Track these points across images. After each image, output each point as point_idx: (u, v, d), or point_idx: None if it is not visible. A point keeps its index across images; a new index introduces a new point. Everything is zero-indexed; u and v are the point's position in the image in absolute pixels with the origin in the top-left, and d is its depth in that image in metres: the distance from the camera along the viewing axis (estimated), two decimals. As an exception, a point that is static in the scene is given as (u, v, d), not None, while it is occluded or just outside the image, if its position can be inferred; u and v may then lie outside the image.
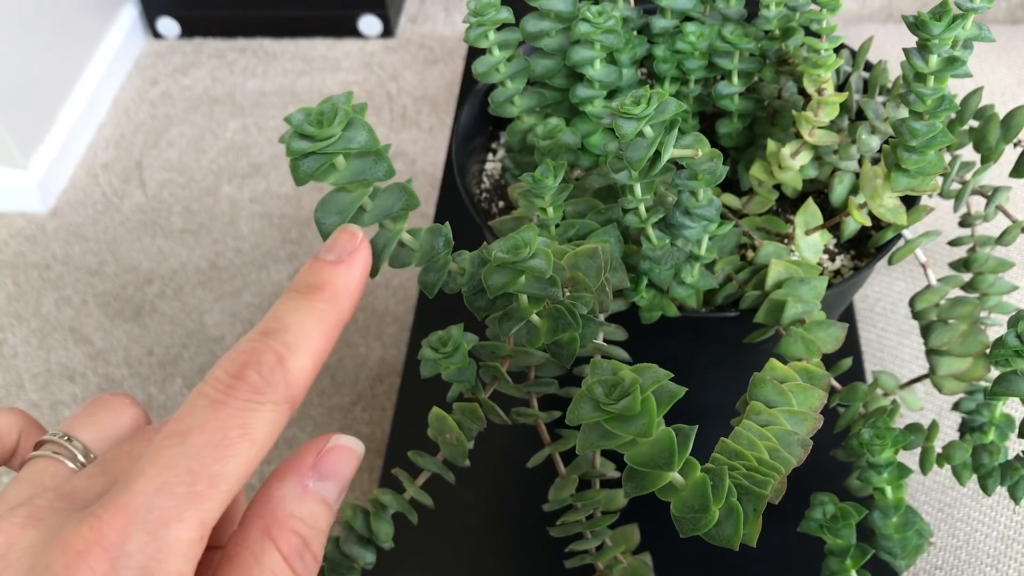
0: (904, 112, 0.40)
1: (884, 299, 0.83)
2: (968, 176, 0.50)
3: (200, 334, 1.45)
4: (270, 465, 1.18)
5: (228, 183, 1.65)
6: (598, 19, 0.45)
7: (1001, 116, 0.50)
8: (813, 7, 0.42)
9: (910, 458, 0.65)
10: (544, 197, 0.42)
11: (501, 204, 0.57)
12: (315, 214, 0.29)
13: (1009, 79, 0.97)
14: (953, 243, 0.55)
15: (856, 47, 0.56)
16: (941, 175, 0.51)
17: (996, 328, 0.77)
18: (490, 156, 0.60)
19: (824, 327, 0.42)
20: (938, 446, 0.49)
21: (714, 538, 0.28)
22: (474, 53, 1.00)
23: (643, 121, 0.37)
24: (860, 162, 0.48)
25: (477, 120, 0.58)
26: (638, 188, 0.40)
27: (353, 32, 1.86)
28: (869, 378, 0.75)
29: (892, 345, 0.80)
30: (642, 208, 0.41)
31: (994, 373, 0.45)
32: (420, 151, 1.68)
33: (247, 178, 1.65)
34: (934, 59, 0.33)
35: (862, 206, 0.43)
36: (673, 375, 0.27)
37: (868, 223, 0.44)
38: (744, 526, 0.28)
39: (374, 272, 0.31)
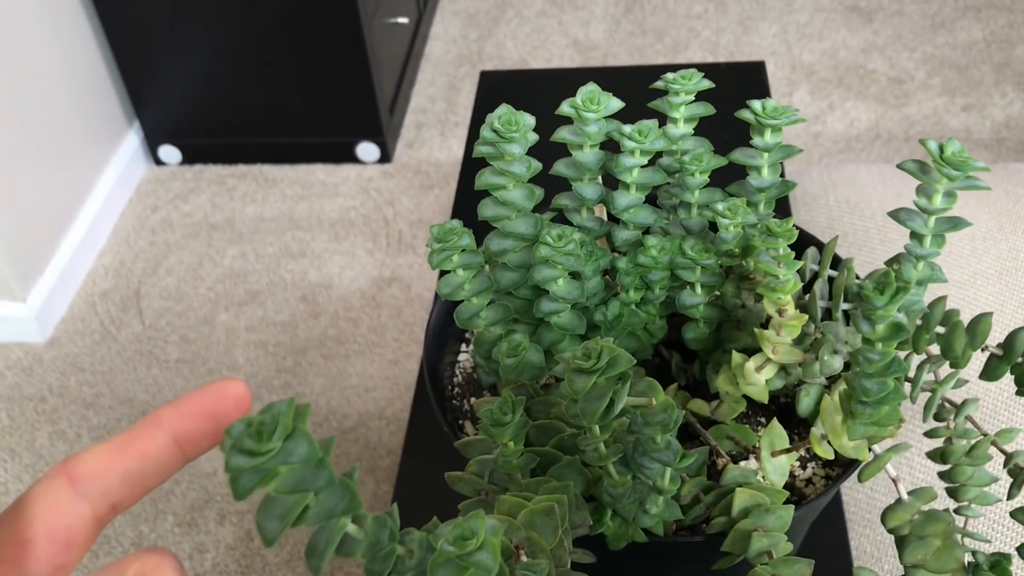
0: (858, 340, 0.40)
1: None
2: (935, 378, 0.50)
3: (192, 468, 1.43)
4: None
5: (225, 311, 1.66)
6: (558, 243, 0.46)
7: (967, 321, 0.50)
8: (770, 237, 0.43)
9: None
10: (505, 432, 0.42)
11: (473, 400, 0.57)
12: (256, 517, 0.29)
13: (990, 224, 0.98)
14: (929, 435, 0.55)
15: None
16: (908, 380, 0.51)
17: (975, 521, 0.76)
18: (463, 347, 0.60)
19: (790, 564, 0.41)
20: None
21: None
22: (466, 177, 1.00)
23: (595, 375, 0.37)
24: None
25: (449, 314, 0.59)
26: (596, 429, 0.40)
27: (351, 158, 1.90)
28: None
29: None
30: (601, 447, 0.40)
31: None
32: (416, 275, 1.70)
33: (244, 306, 1.67)
34: (880, 328, 0.34)
35: (823, 437, 0.42)
36: None
37: (831, 457, 0.43)
38: None
39: (316, 572, 0.31)
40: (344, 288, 1.68)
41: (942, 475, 0.53)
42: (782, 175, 0.52)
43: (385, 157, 1.89)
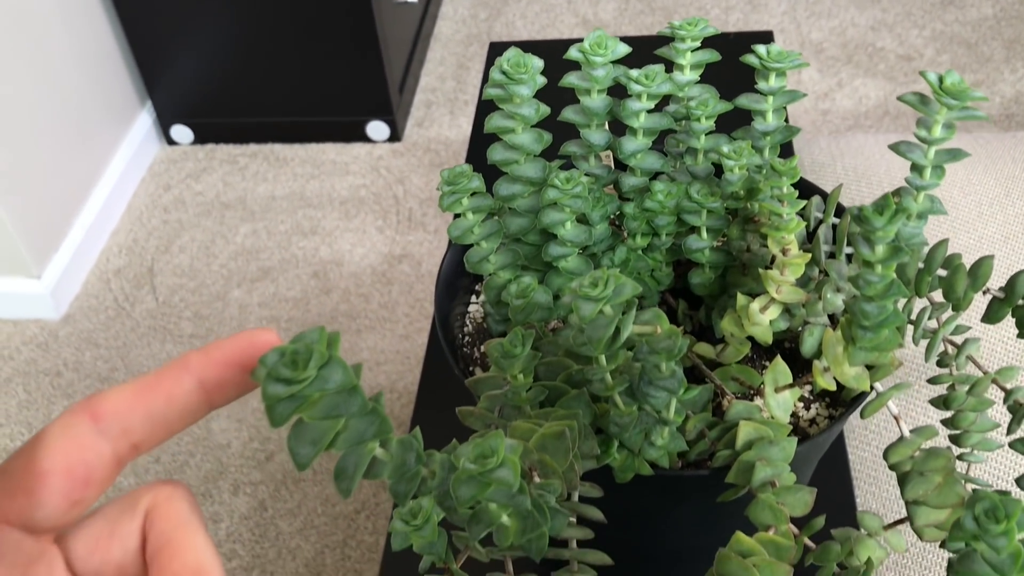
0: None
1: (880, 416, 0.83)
2: (937, 325, 0.51)
3: (206, 441, 1.45)
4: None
5: (238, 287, 1.68)
6: (566, 185, 0.47)
7: (970, 264, 0.51)
8: (774, 175, 0.44)
9: None
10: (515, 365, 0.43)
11: (483, 349, 0.58)
12: (288, 442, 0.29)
13: (997, 190, 0.98)
14: (932, 381, 0.56)
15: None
16: (911, 322, 0.52)
17: (979, 466, 0.76)
18: (473, 298, 0.61)
19: (793, 492, 0.42)
20: None
21: None
22: (474, 154, 1.01)
23: (601, 302, 0.38)
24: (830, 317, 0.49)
25: (460, 263, 0.60)
26: (603, 359, 0.41)
27: (362, 137, 1.91)
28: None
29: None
30: (608, 377, 0.42)
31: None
32: (426, 252, 1.71)
33: (256, 282, 1.68)
34: (880, 249, 0.34)
35: (826, 370, 0.43)
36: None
37: (833, 387, 0.44)
38: None
39: (346, 494, 0.31)
40: (355, 265, 1.70)
41: (945, 422, 0.54)
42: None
43: (395, 136, 1.90)
